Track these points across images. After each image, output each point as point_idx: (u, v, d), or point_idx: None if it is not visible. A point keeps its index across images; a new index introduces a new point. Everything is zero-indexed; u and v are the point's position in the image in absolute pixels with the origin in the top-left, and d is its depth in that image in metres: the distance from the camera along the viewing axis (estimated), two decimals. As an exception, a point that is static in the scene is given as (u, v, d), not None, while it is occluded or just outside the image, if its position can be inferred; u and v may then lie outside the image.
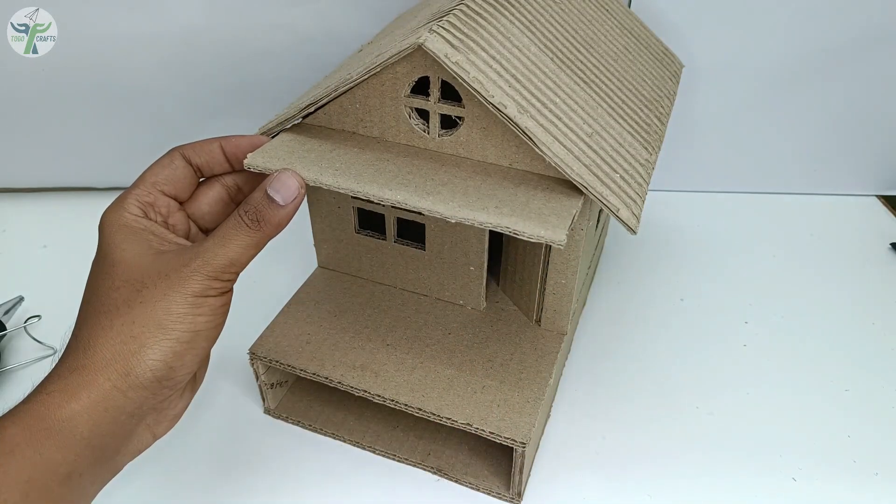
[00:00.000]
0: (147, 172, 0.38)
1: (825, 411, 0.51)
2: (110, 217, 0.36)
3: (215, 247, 0.34)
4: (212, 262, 0.34)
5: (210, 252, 0.34)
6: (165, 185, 0.38)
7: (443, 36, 0.36)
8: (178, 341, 0.33)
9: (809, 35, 0.63)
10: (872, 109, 0.68)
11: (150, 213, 0.37)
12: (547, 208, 0.37)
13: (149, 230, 0.36)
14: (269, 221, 0.35)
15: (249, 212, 0.35)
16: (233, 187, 0.41)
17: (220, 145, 0.40)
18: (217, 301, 0.35)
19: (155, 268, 0.34)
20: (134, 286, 0.34)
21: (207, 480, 0.45)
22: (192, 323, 0.34)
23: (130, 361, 0.32)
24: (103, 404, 0.32)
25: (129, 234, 0.35)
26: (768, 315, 0.59)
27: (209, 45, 0.61)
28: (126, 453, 0.35)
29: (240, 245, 0.35)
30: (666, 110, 0.49)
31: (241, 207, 0.35)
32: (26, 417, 0.31)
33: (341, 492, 0.45)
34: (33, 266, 0.62)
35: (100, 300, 0.34)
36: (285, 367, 0.45)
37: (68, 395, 0.32)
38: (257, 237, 0.35)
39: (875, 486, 0.46)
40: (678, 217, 0.70)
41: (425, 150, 0.42)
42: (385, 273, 0.51)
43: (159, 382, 0.33)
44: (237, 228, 0.35)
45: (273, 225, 0.36)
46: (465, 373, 0.44)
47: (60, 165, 0.69)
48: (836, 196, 0.74)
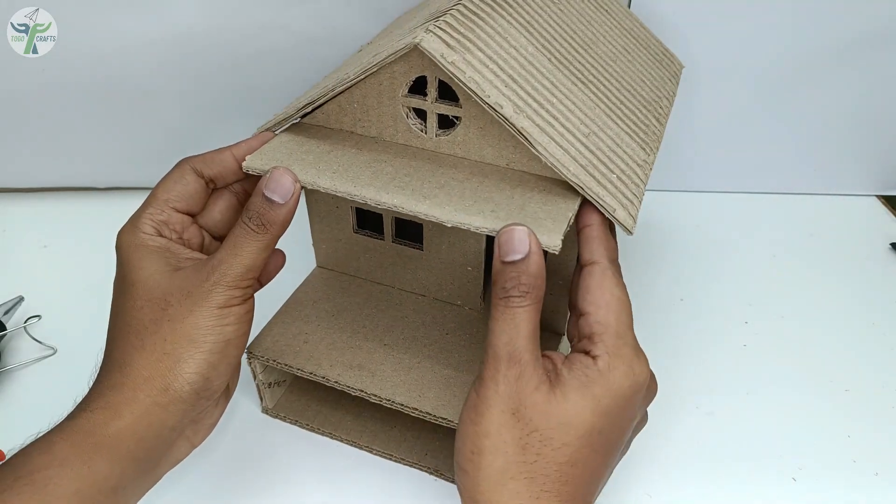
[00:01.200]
0: (159, 189, 0.39)
1: (825, 411, 0.51)
2: (126, 238, 0.37)
3: (229, 257, 0.35)
4: (229, 273, 0.35)
5: (226, 263, 0.35)
6: (178, 202, 0.38)
7: (439, 36, 0.36)
8: (211, 352, 0.34)
9: (809, 35, 0.63)
10: (872, 109, 0.67)
11: (164, 231, 0.38)
12: (543, 212, 0.37)
13: (165, 248, 0.37)
14: (273, 222, 0.36)
15: (253, 217, 0.35)
16: (241, 193, 0.41)
17: (231, 154, 0.40)
18: (241, 309, 0.35)
19: (176, 285, 0.35)
20: (158, 304, 0.34)
21: (205, 480, 0.45)
22: (221, 333, 0.35)
23: (167, 377, 0.34)
24: (146, 420, 0.33)
25: (145, 254, 0.36)
26: (768, 315, 0.59)
27: (209, 45, 0.61)
28: (166, 464, 0.37)
29: (251, 251, 0.35)
30: (665, 111, 0.49)
31: (244, 214, 0.36)
32: (74, 434, 0.32)
33: (338, 491, 0.45)
34: (33, 266, 0.63)
35: (125, 320, 0.35)
36: (283, 367, 0.45)
37: (112, 413, 0.33)
38: (266, 239, 0.36)
39: (875, 486, 0.46)
40: (678, 217, 0.70)
41: (423, 150, 0.42)
42: (383, 273, 0.51)
43: (197, 394, 0.34)
44: (245, 236, 0.35)
45: (278, 224, 0.36)
46: (463, 373, 0.44)
47: (60, 166, 0.69)
48: (836, 196, 0.74)
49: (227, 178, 0.40)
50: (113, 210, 0.68)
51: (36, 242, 0.65)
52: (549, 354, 0.35)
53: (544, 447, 0.32)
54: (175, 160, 0.41)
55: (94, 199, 0.70)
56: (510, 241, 0.34)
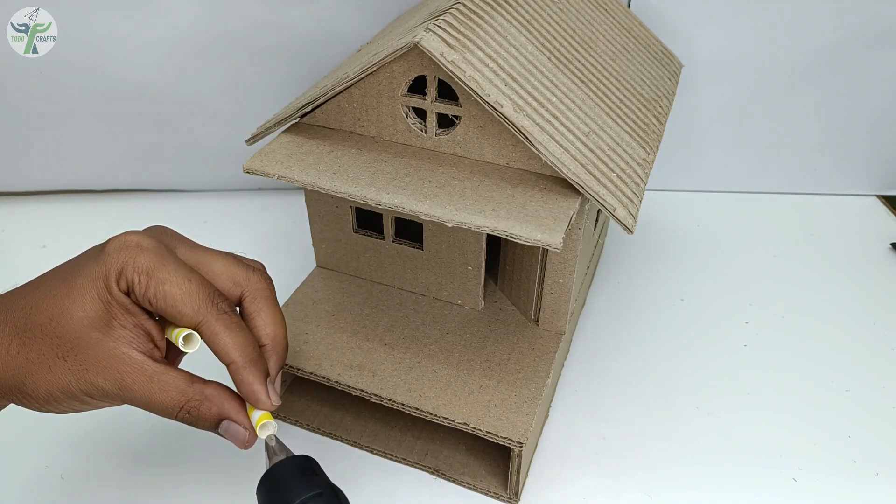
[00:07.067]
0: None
1: (825, 411, 0.51)
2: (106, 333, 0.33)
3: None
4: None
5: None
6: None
7: (439, 35, 0.36)
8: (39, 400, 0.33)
9: (809, 35, 0.63)
10: (873, 109, 0.67)
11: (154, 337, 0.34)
12: (544, 210, 0.37)
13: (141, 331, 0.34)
14: (200, 417, 0.34)
15: (192, 410, 0.33)
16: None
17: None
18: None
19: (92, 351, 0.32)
20: (59, 345, 0.32)
21: (205, 480, 0.45)
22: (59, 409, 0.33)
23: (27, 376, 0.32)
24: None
25: (107, 334, 0.33)
26: (768, 315, 0.59)
27: (209, 46, 0.61)
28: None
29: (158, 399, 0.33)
30: (664, 110, 0.49)
31: (185, 407, 0.33)
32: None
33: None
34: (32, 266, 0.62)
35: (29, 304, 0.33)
36: (283, 367, 0.45)
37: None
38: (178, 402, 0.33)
39: (875, 486, 0.46)
40: (678, 217, 0.70)
41: (423, 149, 0.42)
42: (383, 273, 0.51)
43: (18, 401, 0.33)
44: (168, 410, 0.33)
45: (201, 419, 0.34)
46: (463, 372, 0.44)
47: (59, 168, 0.69)
48: (836, 196, 0.74)
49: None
50: (111, 211, 0.69)
51: (35, 243, 0.65)
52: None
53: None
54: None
55: (92, 201, 0.70)
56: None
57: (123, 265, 0.32)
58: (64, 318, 0.32)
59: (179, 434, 0.47)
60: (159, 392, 0.33)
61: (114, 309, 0.32)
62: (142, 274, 0.32)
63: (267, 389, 0.34)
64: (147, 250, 0.33)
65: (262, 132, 0.44)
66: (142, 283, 0.32)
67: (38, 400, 0.32)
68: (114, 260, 0.32)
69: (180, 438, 0.47)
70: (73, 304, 0.32)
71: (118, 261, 0.32)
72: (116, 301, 0.32)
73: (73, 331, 0.32)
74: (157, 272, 0.32)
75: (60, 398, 0.32)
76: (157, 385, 0.33)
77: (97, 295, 0.32)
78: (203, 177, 0.70)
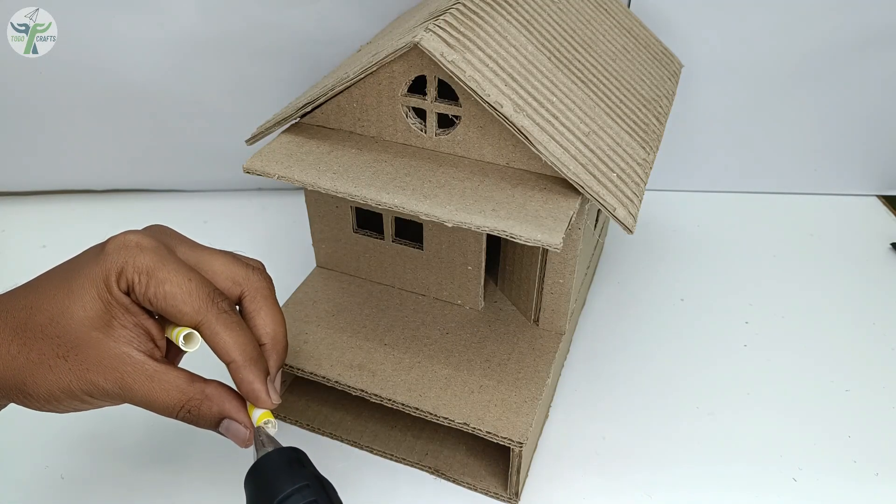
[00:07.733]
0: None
1: (825, 411, 0.51)
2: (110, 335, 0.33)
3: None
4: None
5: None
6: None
7: (439, 35, 0.36)
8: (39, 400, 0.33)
9: (809, 35, 0.63)
10: (872, 109, 0.67)
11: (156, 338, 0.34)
12: (544, 210, 0.37)
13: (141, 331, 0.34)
14: (201, 416, 0.34)
15: (193, 409, 0.33)
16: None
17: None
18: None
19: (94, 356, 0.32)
20: (59, 345, 0.32)
21: (205, 480, 0.45)
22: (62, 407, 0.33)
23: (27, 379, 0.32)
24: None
25: (109, 334, 0.33)
26: (768, 315, 0.59)
27: (209, 46, 0.61)
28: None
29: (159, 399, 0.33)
30: (664, 110, 0.49)
31: (184, 406, 0.34)
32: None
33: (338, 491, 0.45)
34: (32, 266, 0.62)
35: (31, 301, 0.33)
36: (283, 367, 0.45)
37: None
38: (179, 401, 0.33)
39: (875, 486, 0.46)
40: (678, 217, 0.70)
41: (423, 149, 0.42)
42: (383, 272, 0.51)
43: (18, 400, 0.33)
44: (168, 409, 0.33)
45: (202, 418, 0.34)
46: (463, 372, 0.44)
47: (59, 168, 0.69)
48: (836, 196, 0.74)
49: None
50: (111, 211, 0.69)
51: (35, 243, 0.65)
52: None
53: None
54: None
55: (92, 201, 0.70)
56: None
57: (123, 265, 0.32)
58: (64, 317, 0.32)
59: (179, 434, 0.47)
60: (160, 391, 0.33)
61: (114, 308, 0.32)
62: (142, 273, 0.32)
63: (267, 388, 0.34)
64: (147, 250, 0.33)
65: (262, 132, 0.44)
66: (142, 282, 0.32)
67: (39, 400, 0.32)
68: (114, 259, 0.32)
69: (180, 438, 0.47)
70: (74, 303, 0.32)
71: (118, 260, 0.32)
72: (117, 301, 0.32)
73: (74, 330, 0.32)
74: (157, 272, 0.32)
75: (61, 398, 0.32)
76: (157, 384, 0.33)
77: (97, 294, 0.32)
78: (203, 177, 0.70)
